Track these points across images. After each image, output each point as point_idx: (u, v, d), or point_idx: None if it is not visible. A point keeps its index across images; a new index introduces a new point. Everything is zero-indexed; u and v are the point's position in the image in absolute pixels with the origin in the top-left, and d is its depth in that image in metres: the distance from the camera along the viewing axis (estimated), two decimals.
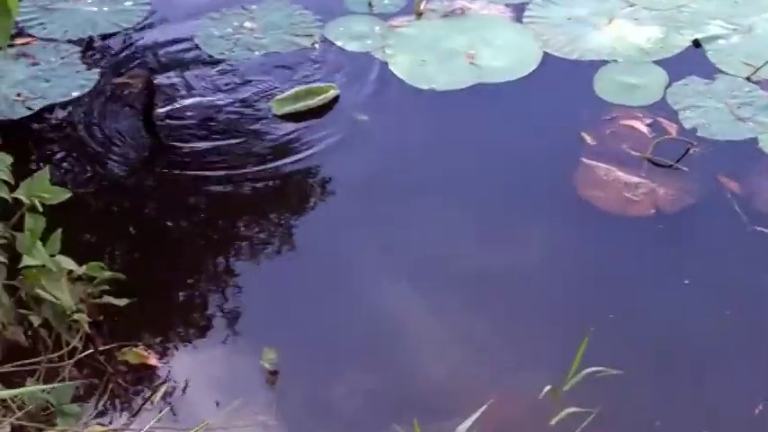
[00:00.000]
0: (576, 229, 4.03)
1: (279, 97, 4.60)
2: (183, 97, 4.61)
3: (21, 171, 2.79)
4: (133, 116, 4.49)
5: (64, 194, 2.79)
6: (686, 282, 3.79)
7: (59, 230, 2.76)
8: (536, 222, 4.05)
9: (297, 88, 4.64)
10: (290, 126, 4.53)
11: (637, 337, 3.59)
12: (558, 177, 4.23)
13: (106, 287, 3.02)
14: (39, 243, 2.75)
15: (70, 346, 3.01)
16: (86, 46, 4.93)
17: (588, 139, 4.40)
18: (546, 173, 4.27)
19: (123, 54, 4.93)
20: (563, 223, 4.05)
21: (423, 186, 4.20)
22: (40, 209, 2.69)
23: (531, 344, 3.58)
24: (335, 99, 4.63)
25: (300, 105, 4.57)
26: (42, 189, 2.74)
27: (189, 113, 4.51)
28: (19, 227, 2.71)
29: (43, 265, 2.75)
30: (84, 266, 2.95)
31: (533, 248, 3.94)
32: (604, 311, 3.65)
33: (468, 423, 2.63)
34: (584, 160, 4.30)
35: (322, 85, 4.67)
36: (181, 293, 3.86)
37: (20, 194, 2.69)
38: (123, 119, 4.53)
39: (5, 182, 2.64)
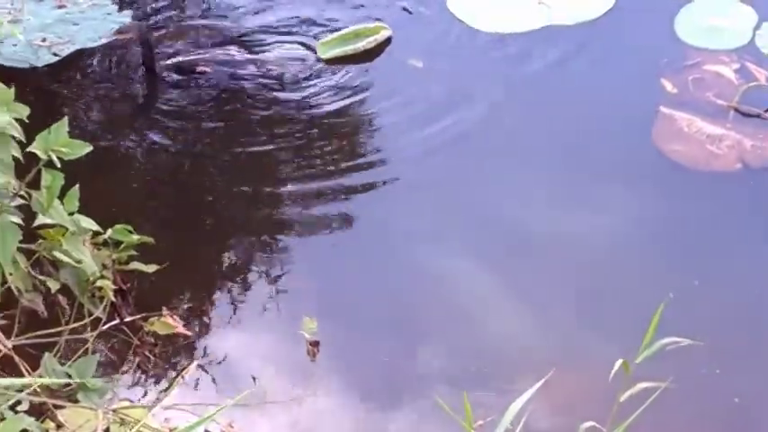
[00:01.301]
0: (653, 186, 3.94)
1: (324, 40, 4.43)
2: (220, 43, 4.48)
3: (42, 123, 2.58)
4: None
5: (84, 148, 2.59)
6: None
7: (77, 186, 2.60)
8: (610, 179, 3.95)
9: (344, 30, 4.46)
10: (336, 71, 4.40)
11: (720, 305, 3.50)
12: (635, 129, 4.13)
13: (133, 252, 2.85)
14: (57, 201, 2.57)
15: (93, 316, 2.84)
16: None
17: (668, 86, 4.29)
18: (621, 124, 4.16)
19: None
20: (639, 180, 3.95)
21: (484, 141, 4.08)
22: (58, 164, 2.49)
23: (602, 312, 3.49)
24: (387, 41, 4.46)
25: (349, 48, 4.39)
26: (60, 142, 2.54)
27: (226, 59, 4.36)
28: (35, 185, 2.52)
29: (62, 226, 2.58)
30: (110, 230, 2.78)
31: (607, 208, 3.84)
32: (684, 277, 3.57)
33: (525, 396, 2.45)
34: (664, 110, 4.20)
35: (371, 25, 4.48)
36: (213, 258, 3.75)
37: (35, 148, 2.49)
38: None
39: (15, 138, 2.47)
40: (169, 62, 4.32)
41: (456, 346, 3.40)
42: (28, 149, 2.46)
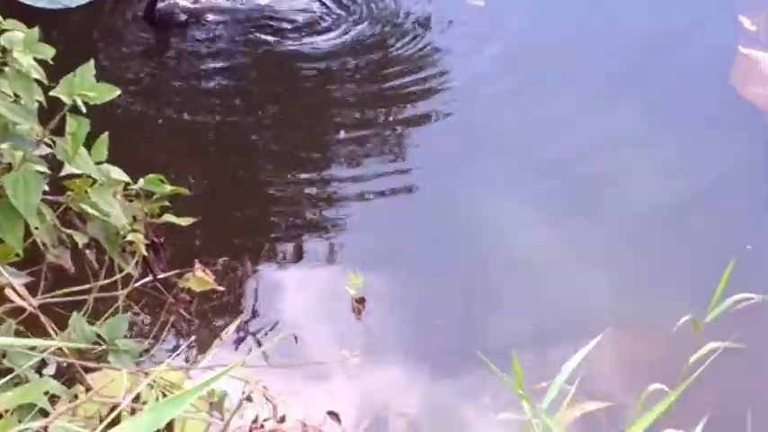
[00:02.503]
0: (730, 131, 3.83)
1: None
2: None
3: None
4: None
5: (112, 92, 2.49)
6: None
7: (106, 134, 2.51)
8: (683, 123, 3.88)
9: None
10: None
11: None
12: (711, 70, 4.06)
13: (167, 203, 2.74)
14: (83, 150, 2.47)
15: (124, 273, 2.73)
16: None
17: (746, 23, 4.24)
18: (696, 64, 4.11)
19: None
20: (715, 124, 3.86)
21: (548, 85, 4.00)
22: (84, 109, 2.39)
23: (672, 266, 3.41)
24: None
25: None
26: (86, 86, 2.44)
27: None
28: (60, 131, 2.44)
29: (89, 176, 2.49)
30: (141, 180, 2.69)
31: (680, 153, 3.76)
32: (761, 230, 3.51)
33: (579, 356, 2.31)
34: (743, 50, 4.08)
35: None
36: (250, 208, 3.66)
37: (59, 93, 2.39)
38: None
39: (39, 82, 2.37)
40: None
41: (515, 303, 3.32)
42: (51, 93, 2.34)
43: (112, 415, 2.35)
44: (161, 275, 2.83)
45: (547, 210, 3.53)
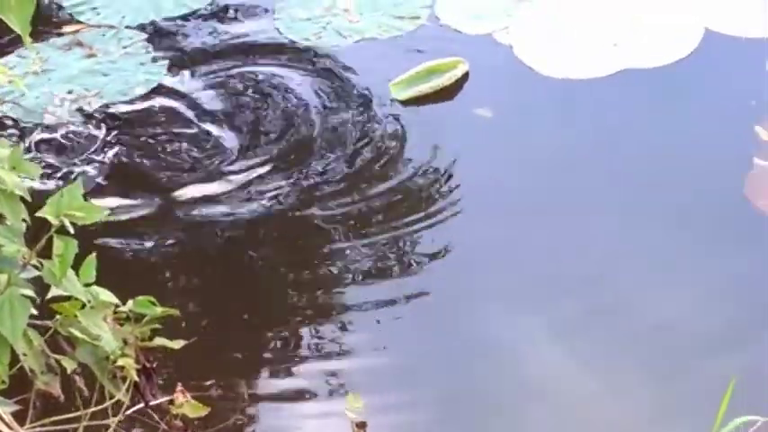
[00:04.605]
0: (744, 245, 3.76)
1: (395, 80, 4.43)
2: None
3: None
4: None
5: (99, 213, 2.52)
6: None
7: (93, 255, 2.55)
8: (696, 237, 3.80)
9: (419, 67, 4.45)
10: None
11: None
12: (726, 182, 3.98)
13: (157, 326, 2.80)
14: (71, 272, 2.52)
15: (115, 399, 2.75)
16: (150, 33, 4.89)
17: (763, 134, 4.17)
18: (710, 177, 4.00)
19: (192, 41, 4.84)
20: (729, 238, 3.79)
21: (553, 203, 3.99)
22: (71, 230, 2.42)
23: (676, 386, 3.37)
24: (465, 77, 4.44)
25: (424, 87, 4.40)
26: (74, 206, 2.48)
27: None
28: (47, 252, 2.45)
29: (77, 299, 2.51)
30: (130, 302, 2.72)
31: (692, 267, 3.70)
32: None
33: None
34: (758, 161, 4.06)
35: (447, 60, 4.45)
36: (249, 329, 3.70)
37: (46, 213, 2.43)
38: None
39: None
40: None
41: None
42: (37, 214, 2.39)
43: None
44: (153, 402, 2.86)
45: (556, 331, 3.50)
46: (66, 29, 4.71)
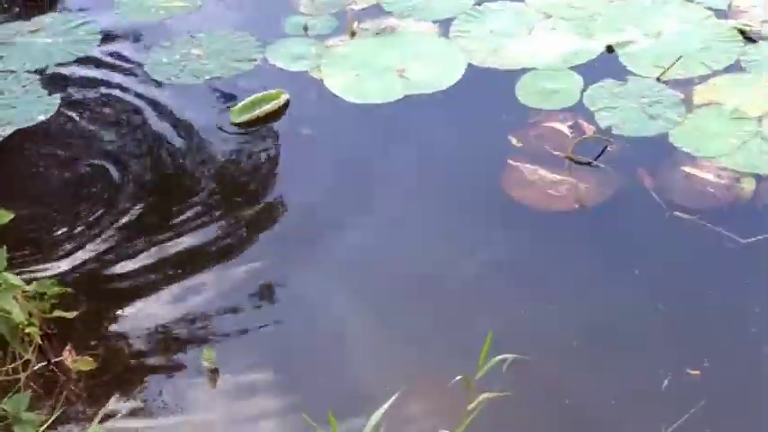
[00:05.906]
0: (502, 225, 4.29)
1: (234, 107, 4.97)
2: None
3: None
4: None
5: (5, 217, 3.06)
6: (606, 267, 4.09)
7: (4, 247, 3.04)
8: (463, 221, 4.31)
9: (252, 97, 5.00)
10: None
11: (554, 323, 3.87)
12: (487, 178, 4.51)
13: (56, 301, 3.31)
14: None
15: (24, 359, 3.24)
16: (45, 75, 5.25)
17: (514, 141, 4.69)
18: (475, 175, 4.53)
19: (79, 80, 5.25)
20: (490, 220, 4.31)
21: (358, 190, 4.49)
22: None
23: (451, 336, 3.81)
24: (286, 104, 4.97)
25: (256, 112, 4.95)
26: None
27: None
28: None
29: None
30: (34, 283, 3.25)
31: (461, 245, 4.20)
32: (531, 301, 3.94)
33: (381, 410, 2.84)
34: (511, 161, 4.58)
35: (273, 91, 5.02)
36: (131, 296, 3.97)
37: None
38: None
39: None
40: None
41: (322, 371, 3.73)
42: None
43: None
44: (54, 360, 3.41)
45: (353, 293, 3.97)
46: None
